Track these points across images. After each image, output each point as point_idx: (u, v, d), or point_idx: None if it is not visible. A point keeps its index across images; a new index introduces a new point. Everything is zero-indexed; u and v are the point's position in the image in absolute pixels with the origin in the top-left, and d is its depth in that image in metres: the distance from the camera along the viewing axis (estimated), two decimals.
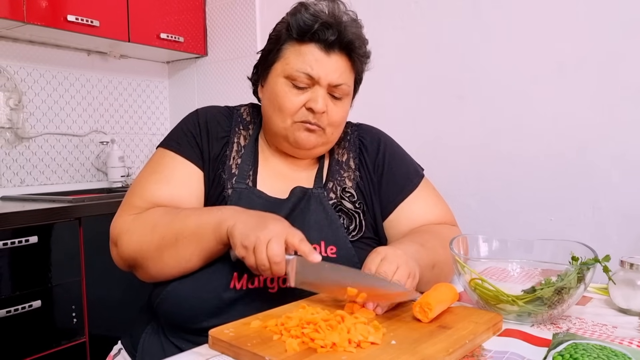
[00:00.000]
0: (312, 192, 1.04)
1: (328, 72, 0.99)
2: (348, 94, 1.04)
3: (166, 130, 3.04)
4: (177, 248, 0.90)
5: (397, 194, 1.09)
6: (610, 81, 1.74)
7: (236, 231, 0.84)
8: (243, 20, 2.69)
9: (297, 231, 0.85)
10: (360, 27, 1.04)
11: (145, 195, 0.99)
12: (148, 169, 1.04)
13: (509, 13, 1.92)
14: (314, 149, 1.05)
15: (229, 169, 1.04)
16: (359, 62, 1.04)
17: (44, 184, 2.47)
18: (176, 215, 0.92)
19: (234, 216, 0.87)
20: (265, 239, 0.81)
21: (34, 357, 1.76)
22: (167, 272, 0.93)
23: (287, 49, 1.01)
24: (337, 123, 1.03)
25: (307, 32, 0.98)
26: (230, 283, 0.92)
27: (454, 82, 2.06)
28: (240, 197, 1.01)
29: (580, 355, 0.63)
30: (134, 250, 0.93)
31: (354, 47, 1.01)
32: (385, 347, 0.69)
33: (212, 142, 1.05)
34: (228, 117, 1.10)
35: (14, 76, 2.35)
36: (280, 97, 1.00)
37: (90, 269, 1.93)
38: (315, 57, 0.99)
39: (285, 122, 1.01)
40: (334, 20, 0.98)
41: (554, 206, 1.85)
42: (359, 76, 1.08)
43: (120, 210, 1.00)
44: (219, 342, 0.72)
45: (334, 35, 0.98)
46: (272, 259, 0.80)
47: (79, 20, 2.20)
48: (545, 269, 0.91)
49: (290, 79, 0.99)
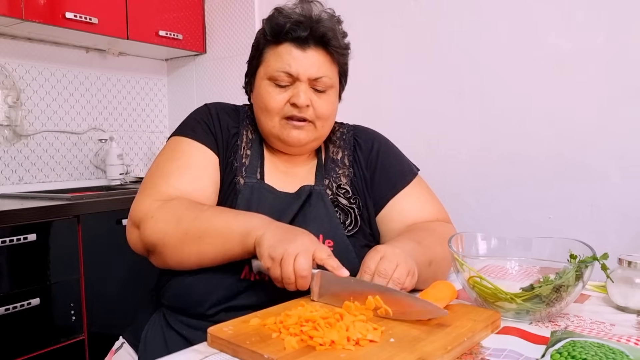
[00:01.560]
0: (314, 189, 1.07)
1: (306, 67, 1.03)
2: (332, 86, 1.07)
3: (165, 127, 3.04)
4: (200, 246, 0.91)
5: (389, 189, 1.11)
6: (609, 81, 1.74)
7: (265, 242, 0.85)
8: (242, 18, 2.69)
9: (325, 246, 0.85)
10: (335, 22, 1.07)
11: (170, 182, 1.00)
12: (165, 156, 1.05)
13: (508, 12, 1.92)
14: (306, 145, 1.08)
15: (240, 157, 1.07)
16: (336, 53, 1.07)
17: (43, 181, 2.46)
18: (202, 213, 0.93)
19: (263, 226, 0.88)
20: (293, 253, 0.81)
21: (32, 355, 1.76)
22: (185, 265, 0.94)
23: (266, 52, 1.06)
24: (325, 116, 1.06)
25: (280, 32, 1.03)
26: (241, 274, 0.94)
27: (453, 80, 2.06)
28: (252, 191, 1.03)
29: (578, 353, 0.63)
30: (157, 238, 0.94)
31: (328, 40, 1.04)
32: (383, 345, 0.69)
33: (224, 130, 1.08)
34: (236, 112, 1.14)
35: (13, 73, 2.35)
36: (265, 97, 1.04)
37: (88, 266, 1.92)
38: (292, 55, 1.03)
39: (273, 121, 1.05)
40: (304, 18, 1.02)
41: (553, 204, 1.85)
42: (342, 69, 1.11)
43: (142, 195, 1.00)
44: (217, 339, 0.72)
45: (305, 31, 1.02)
46: (299, 273, 0.81)
47: (78, 17, 2.19)
48: (544, 266, 0.91)
49: (272, 80, 1.04)
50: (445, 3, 2.07)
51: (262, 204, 1.02)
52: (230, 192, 1.04)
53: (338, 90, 1.12)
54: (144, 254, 0.99)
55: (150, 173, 1.04)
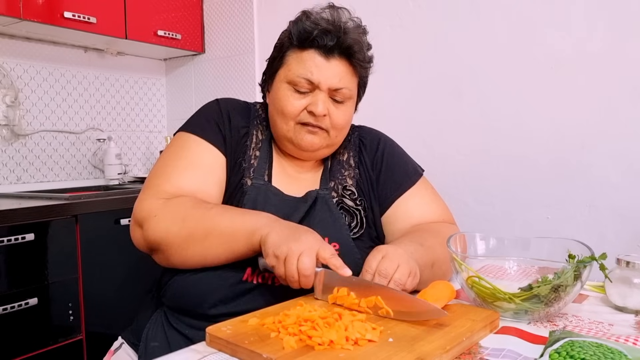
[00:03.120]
0: (319, 194, 1.06)
1: (328, 76, 1.01)
2: (350, 97, 1.06)
3: (163, 127, 3.03)
4: (205, 245, 0.91)
5: (394, 190, 1.11)
6: (607, 82, 1.74)
7: (269, 240, 0.85)
8: (240, 18, 2.69)
9: (328, 245, 0.86)
10: (362, 33, 1.06)
11: (173, 180, 0.99)
12: (171, 153, 1.04)
13: (507, 12, 1.92)
14: (318, 151, 1.07)
15: (249, 158, 1.06)
16: (359, 66, 1.06)
17: (41, 181, 2.46)
18: (207, 211, 0.93)
19: (269, 225, 0.88)
20: (297, 251, 0.81)
21: (30, 355, 1.76)
22: (189, 264, 0.94)
23: (290, 55, 1.04)
24: (340, 126, 1.05)
25: (306, 38, 1.01)
26: (243, 276, 0.94)
27: (452, 80, 2.06)
28: (258, 192, 1.03)
29: (577, 353, 0.63)
30: (160, 237, 0.93)
31: (353, 52, 1.03)
32: (382, 345, 0.69)
33: (233, 130, 1.07)
34: (247, 110, 1.13)
35: (11, 73, 2.34)
36: (282, 101, 1.03)
37: (87, 266, 1.92)
38: (315, 62, 1.01)
39: (288, 125, 1.04)
40: (332, 27, 1.01)
41: (551, 204, 1.86)
42: (362, 81, 1.10)
43: (145, 193, 0.99)
44: (216, 339, 0.72)
45: (332, 40, 1.00)
46: (302, 272, 0.81)
47: (76, 17, 2.19)
48: (542, 266, 0.92)
49: (292, 84, 1.03)
50: (444, 4, 2.07)
51: (268, 206, 1.01)
52: (237, 193, 1.04)
53: (355, 102, 1.11)
54: (147, 252, 0.99)
55: (155, 170, 1.03)
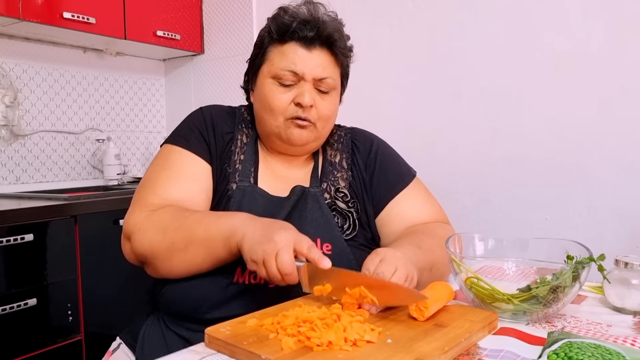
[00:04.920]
0: (309, 191, 1.06)
1: (312, 67, 1.02)
2: (334, 87, 1.07)
3: (162, 128, 3.03)
4: (187, 254, 0.91)
5: (387, 191, 1.11)
6: (606, 82, 1.74)
7: (245, 247, 0.85)
8: (240, 18, 2.69)
9: (304, 238, 0.84)
10: (340, 24, 1.07)
11: (158, 192, 0.99)
12: (157, 166, 1.04)
13: (506, 12, 1.93)
14: (307, 145, 1.07)
15: (234, 164, 1.06)
16: (341, 55, 1.07)
17: (40, 181, 2.46)
18: (186, 220, 0.93)
19: (243, 226, 0.87)
20: (272, 252, 0.80)
21: (29, 356, 1.76)
22: (176, 273, 0.94)
23: (271, 50, 1.05)
24: (326, 117, 1.06)
25: (286, 31, 1.02)
26: (234, 277, 0.94)
27: (451, 81, 2.06)
28: (243, 194, 1.03)
29: (575, 354, 0.63)
30: (145, 250, 0.94)
31: (334, 41, 1.04)
32: (381, 346, 0.69)
33: (218, 137, 1.07)
34: (231, 115, 1.13)
35: (10, 73, 2.34)
36: (268, 96, 1.03)
37: (85, 266, 1.92)
38: (298, 54, 1.02)
39: (277, 121, 1.04)
40: (311, 18, 1.02)
41: (550, 205, 1.86)
42: (344, 70, 1.11)
43: (133, 206, 1.00)
44: (215, 340, 0.72)
45: (312, 31, 1.01)
46: (283, 271, 0.80)
47: (75, 17, 2.18)
48: (541, 267, 0.92)
49: (276, 79, 1.03)
50: (443, 4, 2.07)
51: (254, 207, 1.00)
52: (223, 199, 1.03)
53: (340, 92, 1.12)
54: (138, 265, 1.00)
55: (141, 184, 1.03)
